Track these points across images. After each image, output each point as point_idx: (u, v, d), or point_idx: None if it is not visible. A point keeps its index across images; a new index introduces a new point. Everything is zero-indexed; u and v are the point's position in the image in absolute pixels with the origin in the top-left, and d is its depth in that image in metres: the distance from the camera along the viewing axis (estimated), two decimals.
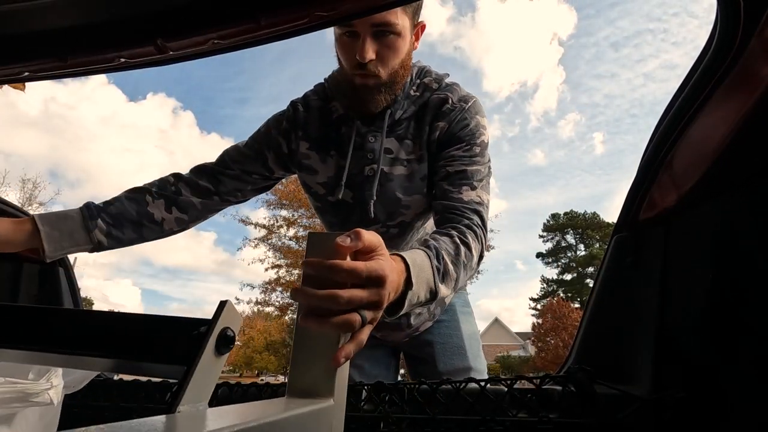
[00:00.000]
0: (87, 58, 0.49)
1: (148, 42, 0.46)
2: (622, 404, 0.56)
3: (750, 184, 0.52)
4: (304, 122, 0.92)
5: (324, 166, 0.91)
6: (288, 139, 0.92)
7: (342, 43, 0.81)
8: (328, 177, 0.92)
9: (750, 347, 0.49)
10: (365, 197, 0.89)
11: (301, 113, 0.93)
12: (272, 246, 14.62)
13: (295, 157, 0.93)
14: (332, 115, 0.92)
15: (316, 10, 0.43)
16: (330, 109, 0.93)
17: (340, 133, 0.91)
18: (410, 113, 0.90)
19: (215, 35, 0.46)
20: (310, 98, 0.95)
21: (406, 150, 0.90)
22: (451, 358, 1.04)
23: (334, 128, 0.92)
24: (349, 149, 0.88)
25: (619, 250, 0.71)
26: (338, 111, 0.92)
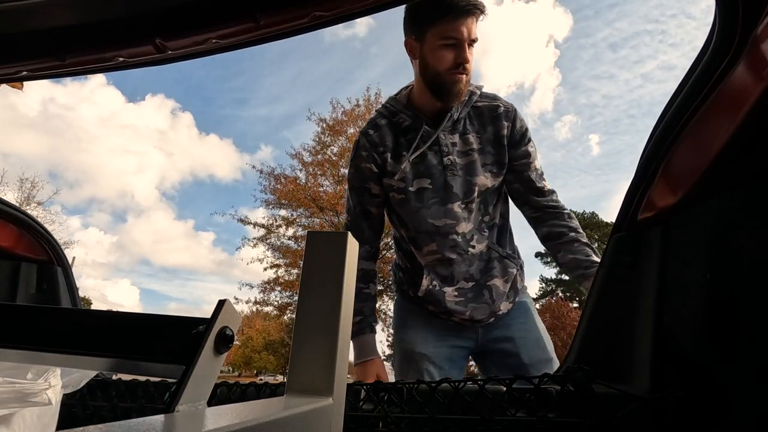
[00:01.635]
0: (86, 57, 0.49)
1: (147, 41, 0.46)
2: (621, 404, 0.56)
3: (748, 185, 0.52)
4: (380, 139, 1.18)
5: (400, 166, 1.16)
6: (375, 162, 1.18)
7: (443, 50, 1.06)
8: (405, 173, 1.16)
9: (748, 346, 0.49)
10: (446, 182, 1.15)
11: (373, 135, 1.19)
12: (271, 245, 14.60)
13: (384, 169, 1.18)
14: (401, 126, 1.19)
15: (315, 10, 0.43)
16: (398, 121, 1.19)
17: (408, 138, 1.17)
18: (465, 114, 1.18)
19: (214, 35, 0.46)
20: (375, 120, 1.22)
21: (467, 143, 1.17)
22: (534, 350, 1.19)
23: (403, 135, 1.18)
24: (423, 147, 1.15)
25: (618, 250, 0.71)
26: (406, 120, 1.18)
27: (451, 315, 1.19)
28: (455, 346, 1.21)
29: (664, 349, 0.59)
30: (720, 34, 0.52)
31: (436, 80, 1.09)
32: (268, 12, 0.43)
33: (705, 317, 0.54)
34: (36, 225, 1.00)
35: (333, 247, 0.44)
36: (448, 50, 1.06)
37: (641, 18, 48.10)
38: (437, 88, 1.10)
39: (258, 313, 23.05)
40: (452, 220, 1.16)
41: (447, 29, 1.04)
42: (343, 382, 0.44)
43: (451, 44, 1.05)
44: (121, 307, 39.27)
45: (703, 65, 0.55)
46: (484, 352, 1.25)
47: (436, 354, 1.19)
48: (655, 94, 46.37)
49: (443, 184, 1.15)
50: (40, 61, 0.50)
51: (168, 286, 57.72)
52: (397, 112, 1.19)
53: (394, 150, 1.17)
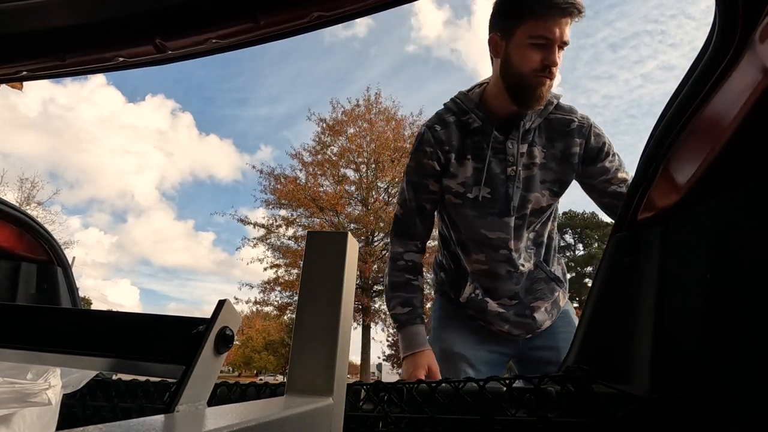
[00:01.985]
0: (86, 57, 0.49)
1: (147, 41, 0.46)
2: (621, 404, 0.56)
3: (748, 185, 0.52)
4: (446, 137, 1.12)
5: (462, 169, 1.11)
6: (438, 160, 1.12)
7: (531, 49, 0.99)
8: (466, 178, 1.11)
9: (748, 346, 0.49)
10: (507, 193, 1.10)
11: (439, 132, 1.12)
12: (271, 245, 14.60)
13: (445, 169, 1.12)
14: (470, 126, 1.12)
15: (314, 10, 0.43)
16: (467, 121, 1.12)
17: (474, 141, 1.11)
18: (537, 124, 1.11)
19: (214, 35, 0.46)
20: (444, 116, 1.14)
21: (531, 156, 1.11)
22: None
23: (470, 137, 1.12)
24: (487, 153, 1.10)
25: (618, 250, 0.71)
26: (475, 122, 1.11)
27: (491, 325, 1.18)
28: (494, 351, 1.20)
29: (664, 349, 0.59)
30: (720, 34, 0.52)
31: (518, 82, 1.02)
32: (268, 12, 0.43)
33: (705, 317, 0.54)
34: (36, 225, 1.00)
35: (333, 247, 0.44)
36: (537, 50, 0.98)
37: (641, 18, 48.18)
38: (518, 90, 1.03)
39: (258, 313, 23.05)
40: (506, 234, 1.12)
41: (538, 27, 0.96)
42: (343, 382, 0.44)
43: (541, 44, 0.97)
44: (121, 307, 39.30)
45: (703, 65, 0.55)
46: (524, 359, 1.23)
47: (474, 356, 1.16)
48: (655, 94, 46.46)
49: (504, 195, 1.10)
50: (40, 61, 0.50)
51: (168, 286, 57.77)
52: (467, 111, 1.12)
53: (458, 151, 1.11)
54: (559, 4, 0.95)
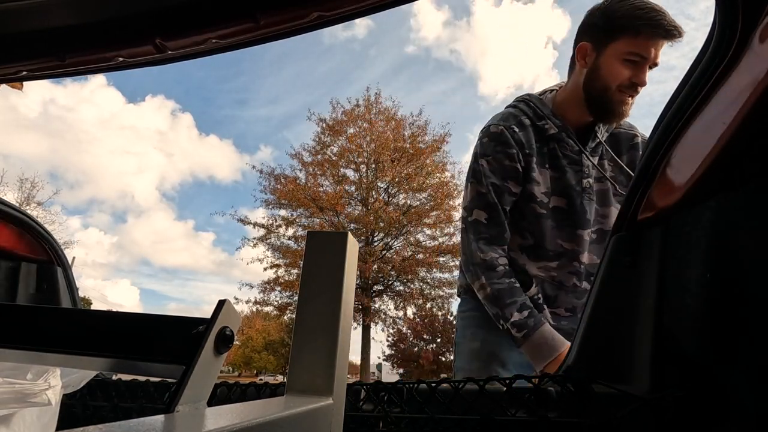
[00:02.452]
0: (85, 57, 0.49)
1: (147, 41, 0.46)
2: (621, 404, 0.56)
3: (749, 185, 0.52)
4: (526, 140, 1.09)
5: (543, 178, 1.09)
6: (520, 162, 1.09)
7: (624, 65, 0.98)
8: (547, 187, 1.10)
9: (748, 346, 0.49)
10: (582, 205, 1.09)
11: (519, 134, 1.09)
12: (271, 245, 14.60)
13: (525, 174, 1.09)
14: (545, 133, 1.09)
15: (315, 10, 0.43)
16: (543, 127, 1.09)
17: (550, 148, 1.09)
18: (605, 138, 1.12)
19: (214, 35, 0.46)
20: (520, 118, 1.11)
21: (603, 169, 1.11)
22: None
23: (546, 144, 1.10)
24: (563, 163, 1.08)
25: (618, 250, 0.71)
26: (552, 129, 1.08)
27: None
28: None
29: (664, 349, 0.59)
30: (720, 34, 0.52)
31: (602, 95, 1.01)
32: (268, 12, 0.43)
33: (705, 317, 0.54)
34: (36, 225, 1.00)
35: (333, 247, 0.44)
36: (629, 67, 0.98)
37: None
38: (599, 103, 1.02)
39: (258, 313, 23.05)
40: (579, 247, 1.11)
41: (637, 45, 0.96)
42: (343, 382, 0.44)
43: (635, 61, 0.97)
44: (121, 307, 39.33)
45: (703, 65, 0.55)
46: None
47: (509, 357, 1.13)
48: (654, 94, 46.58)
49: (579, 207, 1.09)
50: (40, 61, 0.50)
51: (168, 286, 57.83)
52: (543, 117, 1.10)
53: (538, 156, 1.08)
54: (664, 25, 0.94)
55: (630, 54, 0.97)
